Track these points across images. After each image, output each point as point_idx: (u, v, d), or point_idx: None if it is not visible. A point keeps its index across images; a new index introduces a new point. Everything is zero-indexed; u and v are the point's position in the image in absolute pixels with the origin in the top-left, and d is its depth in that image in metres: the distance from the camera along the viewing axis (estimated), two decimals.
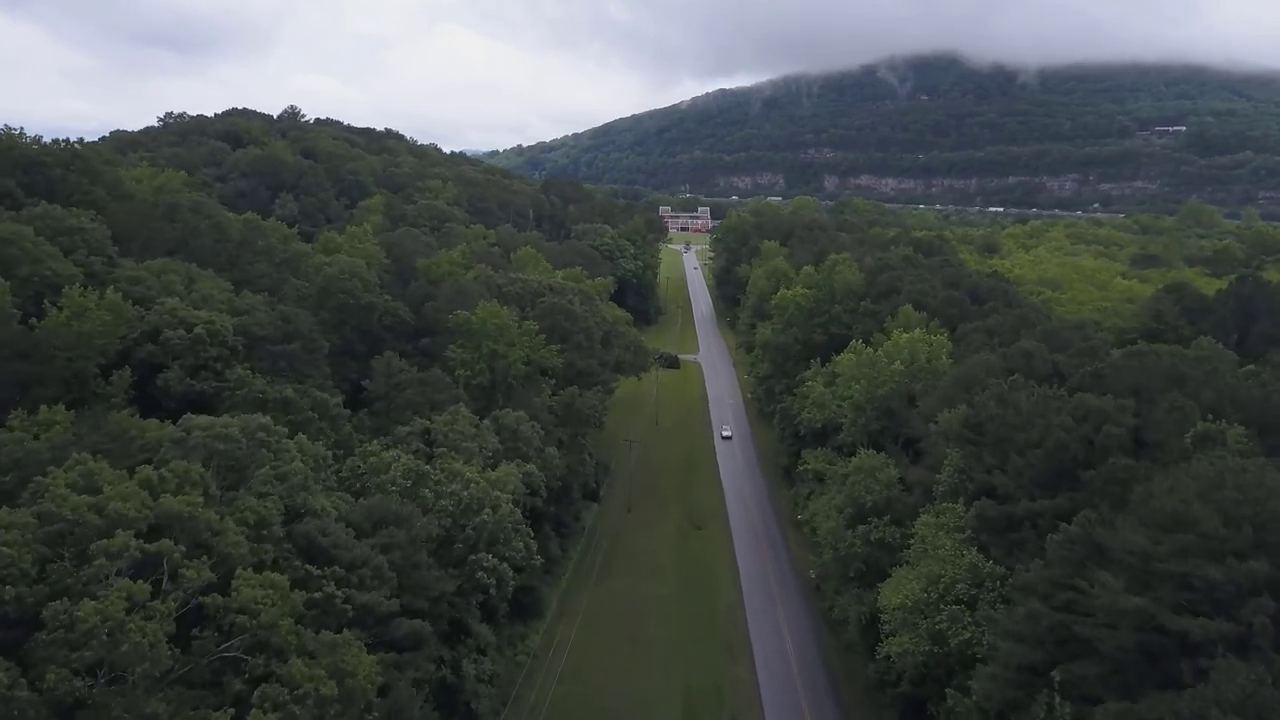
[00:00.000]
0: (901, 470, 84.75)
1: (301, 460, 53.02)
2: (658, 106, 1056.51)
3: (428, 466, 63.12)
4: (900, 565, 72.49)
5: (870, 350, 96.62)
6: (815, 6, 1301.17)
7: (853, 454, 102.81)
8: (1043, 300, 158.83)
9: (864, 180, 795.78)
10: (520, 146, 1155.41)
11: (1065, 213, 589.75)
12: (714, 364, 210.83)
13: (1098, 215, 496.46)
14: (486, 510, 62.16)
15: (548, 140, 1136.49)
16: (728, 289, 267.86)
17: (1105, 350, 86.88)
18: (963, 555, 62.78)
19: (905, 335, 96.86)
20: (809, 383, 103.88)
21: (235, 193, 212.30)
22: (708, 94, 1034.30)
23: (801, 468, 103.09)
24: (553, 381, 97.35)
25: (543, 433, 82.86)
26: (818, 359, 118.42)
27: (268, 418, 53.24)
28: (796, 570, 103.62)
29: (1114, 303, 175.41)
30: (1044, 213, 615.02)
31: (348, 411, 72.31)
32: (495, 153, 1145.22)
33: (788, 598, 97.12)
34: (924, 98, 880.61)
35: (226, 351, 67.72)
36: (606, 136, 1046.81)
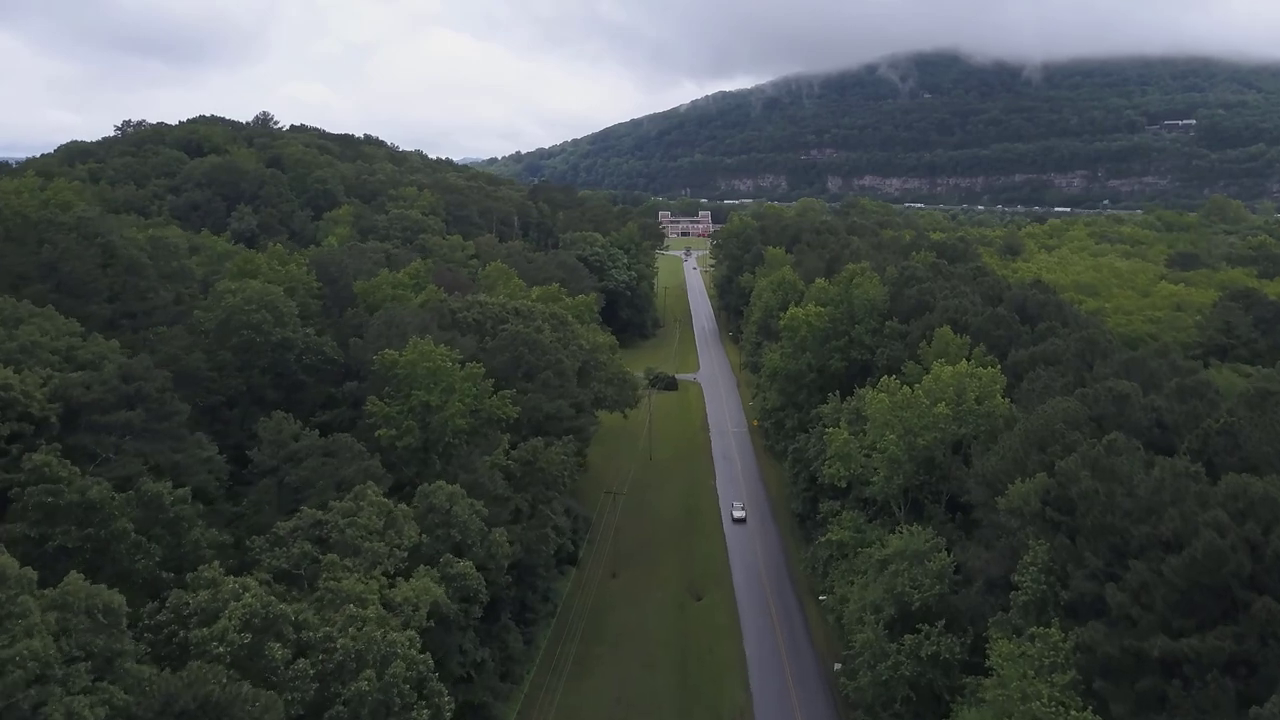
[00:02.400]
0: (955, 549, 65.49)
1: (64, 621, 34.08)
2: (657, 110, 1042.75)
3: (285, 606, 43.77)
4: (966, 698, 53.20)
5: (905, 388, 77.11)
6: (813, 5, 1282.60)
7: (882, 511, 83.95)
8: (1085, 311, 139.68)
9: (868, 180, 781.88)
10: (519, 153, 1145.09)
11: (1079, 210, 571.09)
12: (716, 384, 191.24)
13: (1118, 212, 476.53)
14: (369, 672, 42.83)
15: (547, 146, 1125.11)
16: (730, 299, 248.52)
17: (1211, 389, 67.37)
18: (1068, 713, 43.39)
19: (949, 369, 77.44)
20: (829, 430, 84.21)
21: (189, 205, 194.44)
22: (707, 96, 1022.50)
23: (824, 539, 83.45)
24: (507, 435, 77.90)
25: (487, 512, 63.54)
26: (836, 392, 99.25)
27: None
28: (818, 658, 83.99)
29: (1164, 311, 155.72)
30: (1054, 210, 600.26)
31: (199, 506, 53.09)
32: (493, 159, 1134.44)
33: (808, 700, 77.42)
34: (927, 95, 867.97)
35: (29, 427, 48.85)
36: (606, 141, 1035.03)
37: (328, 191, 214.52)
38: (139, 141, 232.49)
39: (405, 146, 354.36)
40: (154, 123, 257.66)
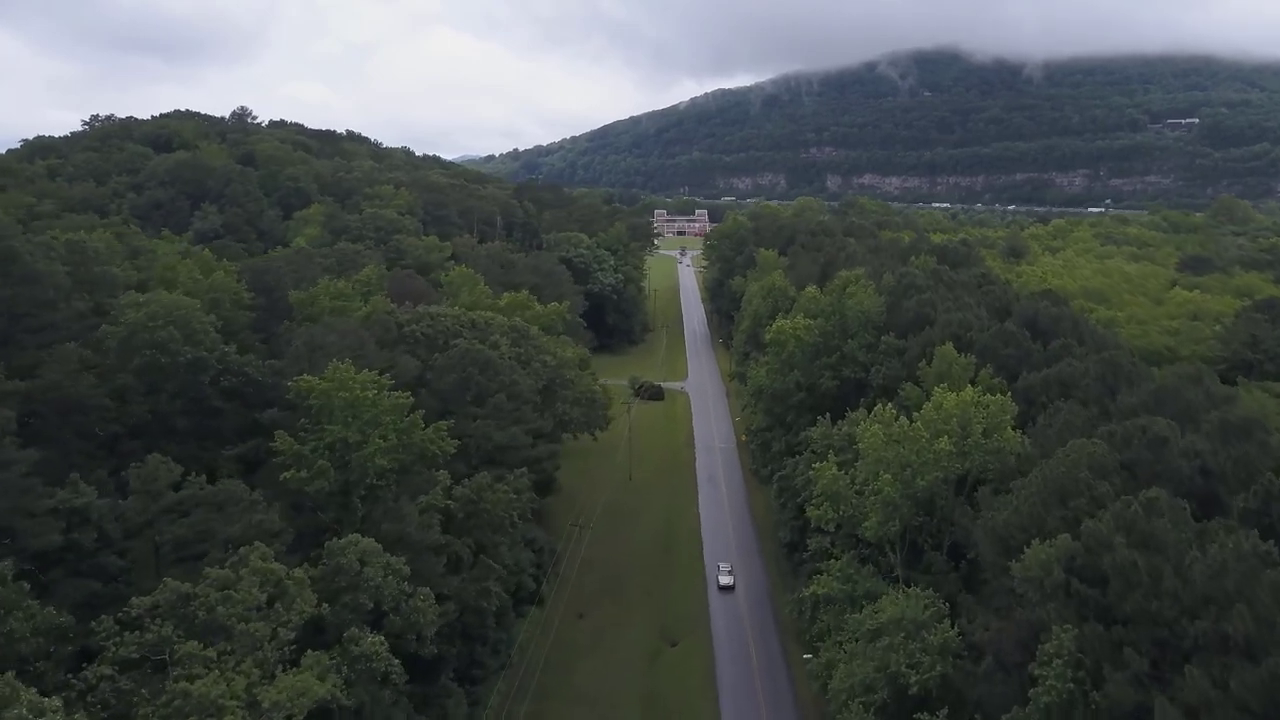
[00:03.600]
0: (960, 614, 55.89)
1: None
2: (656, 108, 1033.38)
3: None
4: None
5: (902, 419, 67.40)
6: (813, 2, 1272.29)
7: (877, 551, 74.16)
8: (1097, 321, 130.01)
9: (867, 179, 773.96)
10: (516, 151, 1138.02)
11: (1081, 210, 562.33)
12: (705, 394, 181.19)
13: (1123, 213, 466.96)
14: None
15: (545, 144, 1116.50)
16: (721, 302, 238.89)
17: (1260, 427, 57.64)
18: None
19: (952, 396, 67.76)
20: (816, 465, 74.12)
21: (150, 204, 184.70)
22: (707, 94, 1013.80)
23: (810, 590, 73.45)
24: (444, 473, 67.71)
25: (408, 571, 53.75)
26: (827, 415, 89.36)
27: None
28: None
29: (1180, 320, 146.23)
30: (1055, 210, 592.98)
31: (25, 585, 43.21)
32: (491, 157, 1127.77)
33: None
34: (927, 94, 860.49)
35: None
36: (604, 139, 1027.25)
37: (300, 190, 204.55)
38: (104, 136, 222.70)
39: (409, 146, 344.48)
40: (124, 117, 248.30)
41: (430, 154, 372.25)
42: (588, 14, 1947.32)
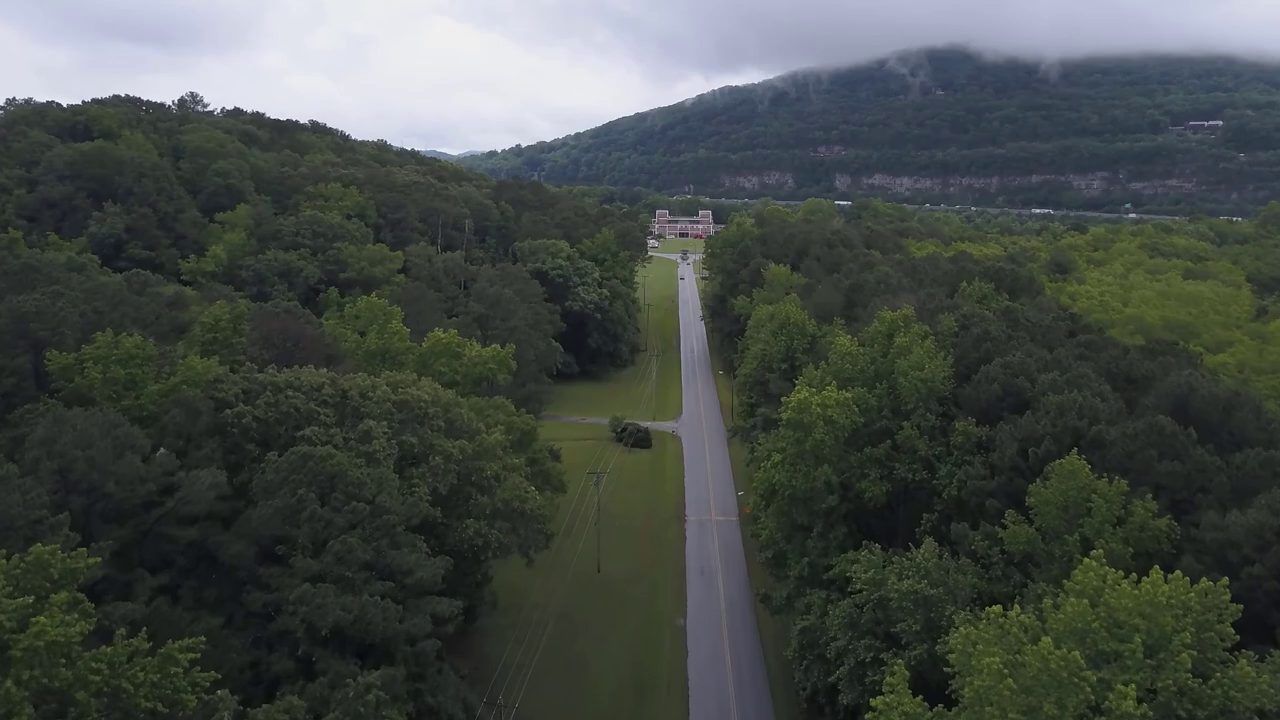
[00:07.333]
0: None
1: None
2: (662, 104, 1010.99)
3: None
4: None
5: (1045, 643, 36.57)
6: None
7: None
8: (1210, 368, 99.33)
9: (877, 179, 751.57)
10: (519, 146, 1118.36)
11: (1110, 216, 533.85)
12: (701, 439, 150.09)
13: (1165, 219, 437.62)
14: None
15: (549, 140, 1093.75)
16: (722, 321, 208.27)
17: None
18: None
19: (1127, 590, 37.24)
20: (875, 702, 42.44)
21: (42, 202, 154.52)
22: (714, 91, 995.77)
23: None
24: (224, 698, 37.15)
25: None
26: (876, 545, 58.65)
27: None
28: None
29: None
30: (1073, 214, 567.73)
31: None
32: (494, 153, 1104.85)
33: None
34: (939, 92, 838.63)
35: None
36: (608, 136, 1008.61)
37: (230, 187, 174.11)
38: (10, 123, 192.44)
39: (414, 142, 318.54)
40: (44, 101, 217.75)
41: (432, 150, 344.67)
42: (590, 4, 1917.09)
